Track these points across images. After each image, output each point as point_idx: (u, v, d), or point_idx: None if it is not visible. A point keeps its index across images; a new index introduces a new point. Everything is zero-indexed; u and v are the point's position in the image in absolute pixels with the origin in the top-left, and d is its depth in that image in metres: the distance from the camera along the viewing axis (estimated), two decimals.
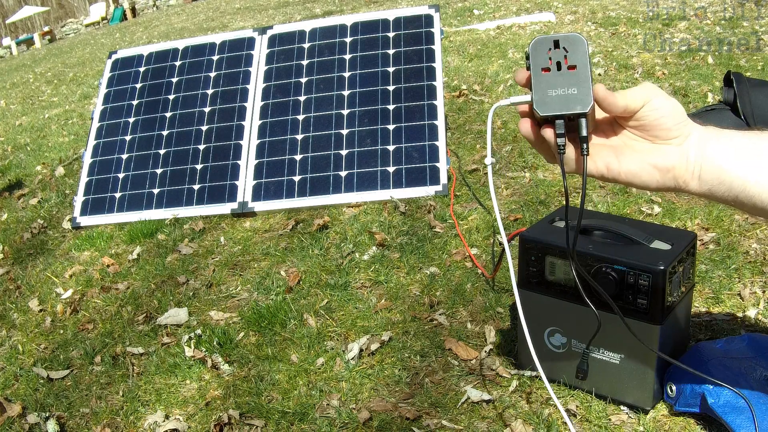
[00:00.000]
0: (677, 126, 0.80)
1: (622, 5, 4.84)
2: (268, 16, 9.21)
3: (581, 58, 0.79)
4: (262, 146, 2.47)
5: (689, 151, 0.79)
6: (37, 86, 7.09)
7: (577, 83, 0.78)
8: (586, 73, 0.79)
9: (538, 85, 0.79)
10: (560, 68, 0.79)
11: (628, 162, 0.81)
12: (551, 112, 0.79)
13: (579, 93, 0.78)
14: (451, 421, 1.27)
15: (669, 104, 0.80)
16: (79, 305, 1.97)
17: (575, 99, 0.78)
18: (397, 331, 1.56)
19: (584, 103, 0.78)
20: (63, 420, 1.48)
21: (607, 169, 0.82)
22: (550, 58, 0.79)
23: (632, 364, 1.17)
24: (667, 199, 1.97)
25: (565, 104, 0.78)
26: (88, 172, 2.63)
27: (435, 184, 2.23)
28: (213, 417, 1.38)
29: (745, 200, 0.78)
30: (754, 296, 1.49)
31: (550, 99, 0.79)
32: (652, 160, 0.80)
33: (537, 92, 0.79)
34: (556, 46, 0.79)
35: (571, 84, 0.78)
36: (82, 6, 29.78)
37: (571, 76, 0.79)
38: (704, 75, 3.04)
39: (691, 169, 0.79)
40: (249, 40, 2.75)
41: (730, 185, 0.78)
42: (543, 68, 0.79)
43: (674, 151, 0.80)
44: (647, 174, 0.81)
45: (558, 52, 0.79)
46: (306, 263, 1.94)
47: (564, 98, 0.78)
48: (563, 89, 0.78)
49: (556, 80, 0.79)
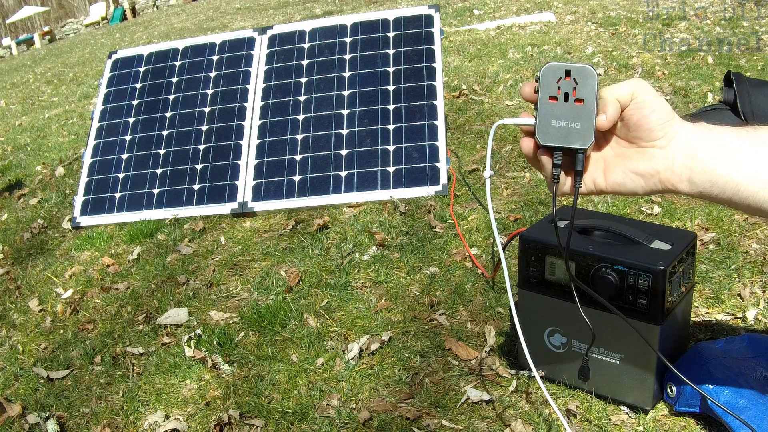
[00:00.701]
0: (662, 126, 0.78)
1: (622, 5, 4.84)
2: (268, 16, 9.21)
3: (590, 93, 0.79)
4: (262, 146, 2.47)
5: (675, 154, 0.78)
6: (37, 86, 7.10)
7: (582, 118, 0.78)
8: (592, 109, 0.79)
9: (543, 113, 0.80)
10: (567, 100, 0.79)
11: (612, 174, 0.81)
12: (551, 143, 0.79)
13: (582, 129, 0.78)
14: (451, 421, 1.27)
15: (655, 101, 0.78)
16: (79, 305, 1.97)
17: (577, 134, 0.78)
18: (397, 331, 1.56)
19: (585, 140, 0.78)
20: (63, 420, 1.48)
21: (594, 186, 0.83)
22: (560, 88, 0.79)
23: (632, 364, 1.17)
24: (667, 199, 1.97)
25: (566, 138, 0.79)
26: (88, 172, 2.63)
27: (435, 184, 2.23)
28: (213, 417, 1.38)
29: (739, 201, 0.77)
30: (754, 296, 1.49)
31: (552, 129, 0.79)
32: (634, 168, 0.80)
33: (541, 120, 0.80)
34: (567, 75, 0.79)
35: (575, 118, 0.78)
36: (82, 6, 29.78)
37: (576, 110, 0.79)
38: (704, 75, 3.04)
39: (679, 171, 0.77)
40: (249, 40, 2.75)
41: (723, 187, 0.77)
42: (551, 96, 0.79)
43: (659, 155, 0.78)
44: (631, 182, 0.80)
45: (568, 82, 0.79)
46: (306, 263, 1.94)
47: (566, 131, 0.79)
48: (567, 122, 0.79)
49: (562, 111, 0.79)
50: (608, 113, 0.78)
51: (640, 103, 0.78)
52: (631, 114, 0.79)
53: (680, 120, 0.79)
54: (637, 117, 0.78)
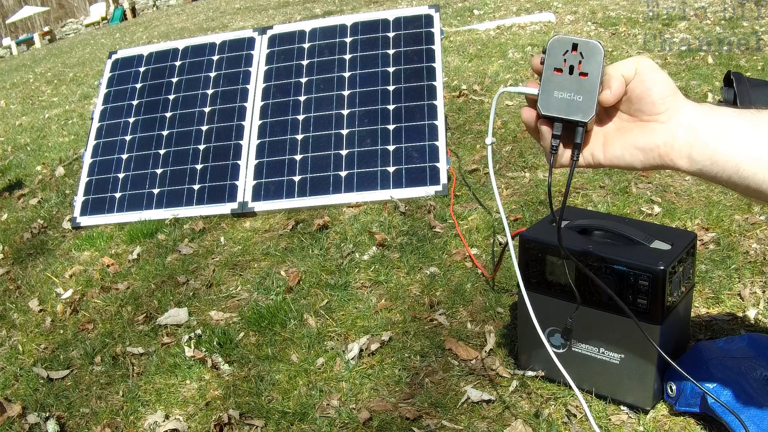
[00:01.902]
0: (663, 99, 0.78)
1: (622, 5, 4.84)
2: (268, 16, 9.21)
3: (595, 68, 0.79)
4: (262, 146, 2.47)
5: (677, 130, 0.77)
6: (37, 86, 7.10)
7: (585, 92, 0.79)
8: (595, 83, 0.79)
9: (546, 83, 0.80)
10: (572, 72, 0.79)
11: (612, 148, 0.81)
12: (552, 113, 0.80)
13: (583, 101, 0.79)
14: (451, 421, 1.27)
15: (658, 75, 0.78)
16: (79, 305, 1.97)
17: (578, 106, 0.79)
18: (397, 331, 1.56)
19: (586, 113, 0.79)
20: (63, 420, 1.48)
21: (592, 159, 0.83)
22: (565, 60, 0.80)
23: (632, 364, 1.17)
24: (667, 199, 1.97)
25: (567, 109, 0.79)
26: (88, 172, 2.63)
27: (435, 184, 2.23)
28: (213, 417, 1.38)
29: (738, 181, 0.77)
30: (754, 296, 1.49)
31: (554, 100, 0.80)
32: (634, 141, 0.79)
33: (544, 90, 0.80)
34: (574, 48, 0.79)
35: (578, 91, 0.79)
36: (82, 6, 29.79)
37: (580, 83, 0.79)
38: (704, 75, 3.04)
39: (679, 147, 0.77)
40: (249, 40, 2.75)
41: (723, 166, 0.76)
42: (556, 68, 0.80)
43: (660, 129, 0.78)
44: (630, 156, 0.80)
45: (575, 55, 0.79)
46: (306, 263, 1.94)
47: (568, 103, 0.79)
48: (569, 94, 0.79)
49: (565, 83, 0.79)
50: (613, 88, 0.79)
51: (643, 76, 0.78)
52: (634, 87, 0.79)
53: (683, 97, 0.79)
54: (640, 90, 0.78)
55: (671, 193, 2.01)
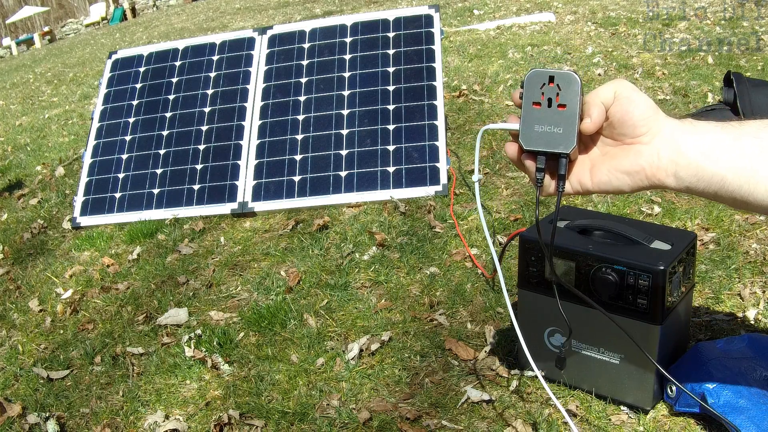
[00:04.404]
0: (644, 120, 0.78)
1: (622, 5, 4.84)
2: (268, 16, 9.21)
3: (572, 98, 0.80)
4: (262, 146, 2.47)
5: (660, 150, 0.78)
6: (37, 86, 7.10)
7: (564, 123, 0.80)
8: (574, 114, 0.80)
9: (526, 118, 0.81)
10: (551, 105, 0.80)
11: (599, 174, 0.82)
12: (534, 147, 0.81)
13: (564, 133, 0.80)
14: (451, 421, 1.27)
15: (637, 97, 0.79)
16: (79, 305, 1.97)
17: (559, 138, 0.80)
18: (397, 331, 1.56)
19: (567, 145, 0.80)
20: (63, 420, 1.48)
21: (580, 186, 0.84)
22: (543, 93, 0.81)
23: (632, 364, 1.17)
24: (667, 199, 1.97)
25: (549, 142, 0.80)
26: (88, 172, 2.63)
27: (435, 184, 2.23)
28: (213, 417, 1.38)
29: (725, 195, 0.77)
30: (754, 296, 1.49)
31: (535, 134, 0.81)
32: (619, 166, 0.80)
33: (524, 125, 0.81)
34: (551, 81, 0.80)
35: (558, 123, 0.80)
36: (82, 6, 29.79)
37: (559, 115, 0.80)
38: (704, 75, 3.04)
39: (665, 166, 0.77)
40: (249, 40, 2.75)
41: (708, 181, 0.77)
42: (534, 102, 0.81)
43: (644, 151, 0.78)
44: (617, 180, 0.80)
45: (551, 88, 0.80)
46: (306, 263, 1.94)
47: (549, 136, 0.80)
48: (549, 127, 0.80)
49: (545, 116, 0.80)
50: (593, 116, 0.79)
51: (622, 99, 0.79)
52: (614, 111, 0.79)
53: (664, 116, 0.79)
54: (620, 113, 0.79)
55: (671, 193, 2.01)
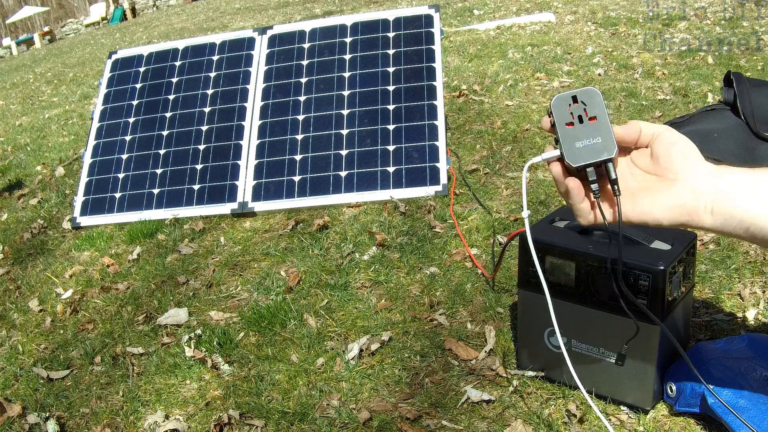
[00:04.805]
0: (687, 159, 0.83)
1: (622, 5, 4.84)
2: (268, 16, 9.21)
3: (599, 109, 0.86)
4: (262, 146, 2.47)
5: (701, 186, 0.82)
6: (37, 86, 7.10)
7: (600, 132, 0.85)
8: (606, 122, 0.85)
9: (565, 139, 0.86)
10: (582, 121, 0.86)
11: (640, 204, 0.85)
12: (583, 162, 0.85)
13: (603, 141, 0.85)
14: (451, 421, 1.27)
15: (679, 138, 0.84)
16: (79, 305, 1.97)
17: (601, 147, 0.85)
18: (397, 331, 1.56)
19: (610, 150, 0.84)
20: (63, 420, 1.48)
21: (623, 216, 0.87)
22: (572, 113, 0.86)
23: (632, 364, 1.17)
24: None
25: (594, 153, 0.85)
26: (88, 172, 2.63)
27: (435, 184, 2.23)
28: (213, 417, 1.38)
29: (757, 232, 0.81)
30: (754, 296, 1.49)
31: (578, 151, 0.85)
32: (662, 200, 0.84)
33: (566, 146, 0.86)
34: (574, 100, 0.86)
35: (595, 134, 0.85)
36: (82, 6, 29.80)
37: (593, 127, 0.85)
38: (704, 75, 3.04)
39: (703, 203, 0.82)
40: (249, 40, 2.75)
41: (741, 218, 0.81)
42: (567, 123, 0.86)
43: (686, 187, 0.83)
44: (658, 211, 0.84)
45: (577, 106, 0.86)
46: (306, 263, 1.94)
47: (591, 148, 0.85)
48: (588, 140, 0.85)
49: (581, 132, 0.85)
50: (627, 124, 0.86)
51: (665, 139, 0.85)
52: (657, 147, 0.85)
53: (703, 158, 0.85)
54: (663, 150, 0.84)
55: None
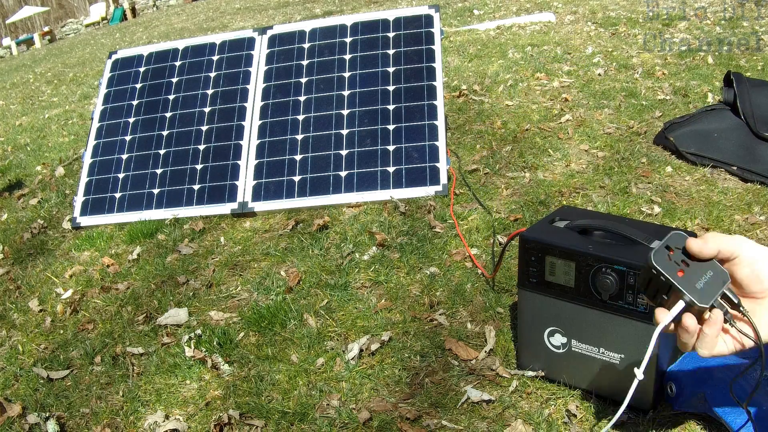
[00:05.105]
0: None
1: (622, 5, 4.84)
2: (268, 16, 9.21)
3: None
4: (262, 146, 2.47)
5: None
6: (37, 86, 7.10)
7: (708, 266, 0.85)
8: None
9: (685, 287, 0.84)
10: (687, 264, 0.85)
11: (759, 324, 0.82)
12: (713, 298, 0.83)
13: (715, 271, 0.84)
14: (451, 421, 1.27)
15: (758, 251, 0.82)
16: (79, 305, 1.97)
17: (717, 277, 0.84)
18: (397, 331, 1.56)
19: (725, 276, 0.84)
20: (63, 420, 1.48)
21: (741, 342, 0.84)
22: (675, 261, 0.85)
23: (632, 364, 1.17)
24: (667, 199, 1.97)
25: (715, 287, 0.83)
26: (88, 172, 2.63)
27: (435, 184, 2.23)
28: (213, 417, 1.38)
29: None
30: None
31: (702, 290, 0.84)
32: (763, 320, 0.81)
33: (690, 291, 0.84)
34: (669, 249, 0.86)
35: (705, 268, 0.84)
36: (82, 6, 29.81)
37: (699, 264, 0.85)
38: (704, 75, 3.04)
39: None
40: (249, 40, 2.75)
41: None
42: (678, 271, 0.85)
43: None
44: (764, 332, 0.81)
45: (674, 254, 0.86)
46: (306, 263, 1.94)
47: (709, 282, 0.84)
48: (704, 276, 0.84)
49: (693, 273, 0.84)
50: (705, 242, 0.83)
51: (745, 258, 0.82)
52: (737, 270, 0.83)
53: None
54: (746, 271, 0.82)
55: (671, 193, 2.01)
